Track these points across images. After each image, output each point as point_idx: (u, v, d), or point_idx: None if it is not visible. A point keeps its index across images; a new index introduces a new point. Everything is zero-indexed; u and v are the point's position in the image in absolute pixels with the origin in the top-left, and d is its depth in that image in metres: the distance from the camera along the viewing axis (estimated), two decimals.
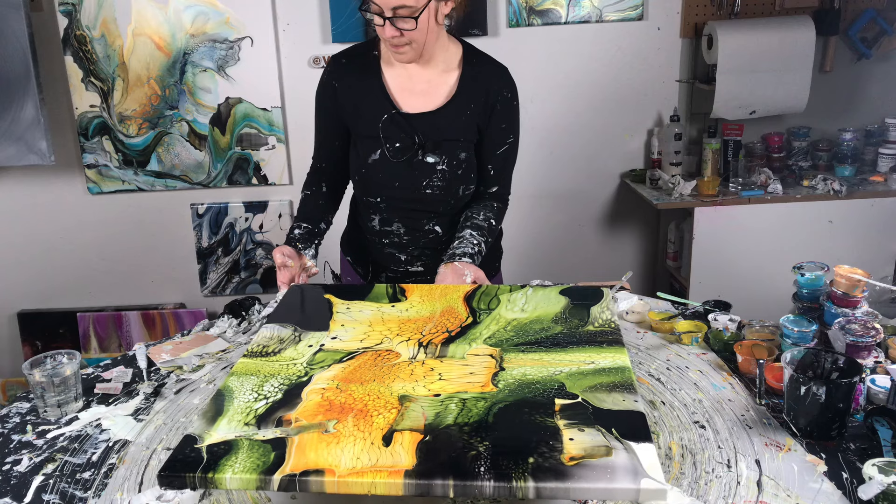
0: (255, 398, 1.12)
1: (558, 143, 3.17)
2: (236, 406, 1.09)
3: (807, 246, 2.79)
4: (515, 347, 1.25)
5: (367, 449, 0.98)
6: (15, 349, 3.35)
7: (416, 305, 1.43)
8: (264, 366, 1.22)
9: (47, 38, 3.00)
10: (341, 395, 1.11)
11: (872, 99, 3.11)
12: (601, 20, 3.02)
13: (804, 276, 1.52)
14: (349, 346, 1.28)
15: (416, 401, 1.09)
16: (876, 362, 1.35)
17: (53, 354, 1.38)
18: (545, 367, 1.18)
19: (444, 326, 1.34)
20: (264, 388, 1.15)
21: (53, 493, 1.14)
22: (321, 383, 1.15)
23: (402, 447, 0.98)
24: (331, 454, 0.97)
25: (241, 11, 2.98)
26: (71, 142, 3.14)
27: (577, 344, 1.25)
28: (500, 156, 1.77)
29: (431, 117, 1.71)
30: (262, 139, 3.12)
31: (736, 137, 3.02)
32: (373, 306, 1.44)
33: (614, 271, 3.19)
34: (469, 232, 1.73)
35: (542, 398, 1.09)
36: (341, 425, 1.03)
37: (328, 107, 1.77)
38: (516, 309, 1.39)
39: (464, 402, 1.08)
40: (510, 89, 1.73)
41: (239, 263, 3.29)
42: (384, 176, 1.75)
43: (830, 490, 1.05)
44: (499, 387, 1.12)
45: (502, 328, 1.32)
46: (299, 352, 1.26)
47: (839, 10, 2.95)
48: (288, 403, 1.10)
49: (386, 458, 0.95)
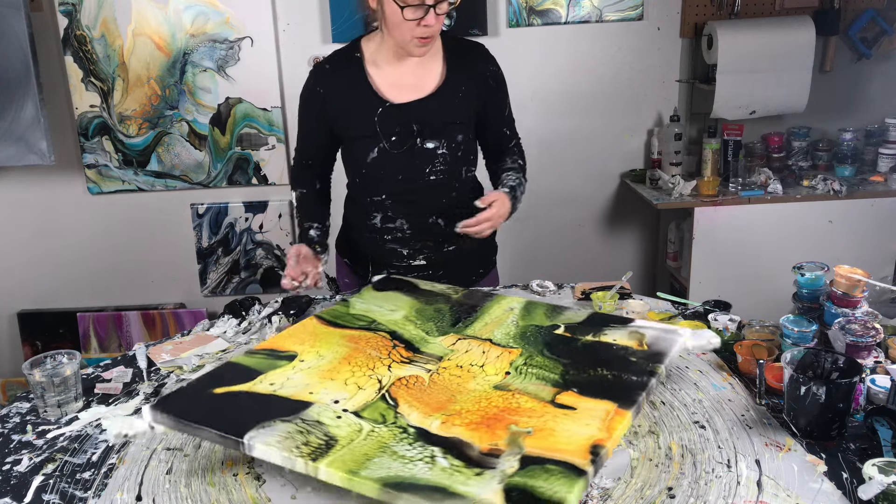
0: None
1: (558, 143, 3.17)
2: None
3: (807, 246, 2.78)
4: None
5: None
6: (15, 349, 3.35)
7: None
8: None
9: (47, 38, 3.00)
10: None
11: (872, 99, 3.11)
12: (601, 20, 3.02)
13: (804, 276, 1.52)
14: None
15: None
16: (876, 362, 1.35)
17: (53, 354, 1.38)
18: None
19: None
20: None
21: (53, 493, 1.14)
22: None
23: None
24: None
25: (241, 11, 2.98)
26: (71, 142, 3.13)
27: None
28: (507, 117, 1.88)
29: (425, 103, 1.73)
30: (262, 139, 3.12)
31: (736, 137, 3.02)
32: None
33: (614, 271, 3.18)
34: (506, 174, 1.82)
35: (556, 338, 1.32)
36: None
37: (314, 112, 1.80)
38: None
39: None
40: (494, 62, 1.82)
41: (239, 263, 3.29)
42: (386, 171, 1.75)
43: (830, 490, 1.05)
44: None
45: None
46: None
47: (839, 10, 2.95)
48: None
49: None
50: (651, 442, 1.18)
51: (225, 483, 1.14)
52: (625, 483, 1.09)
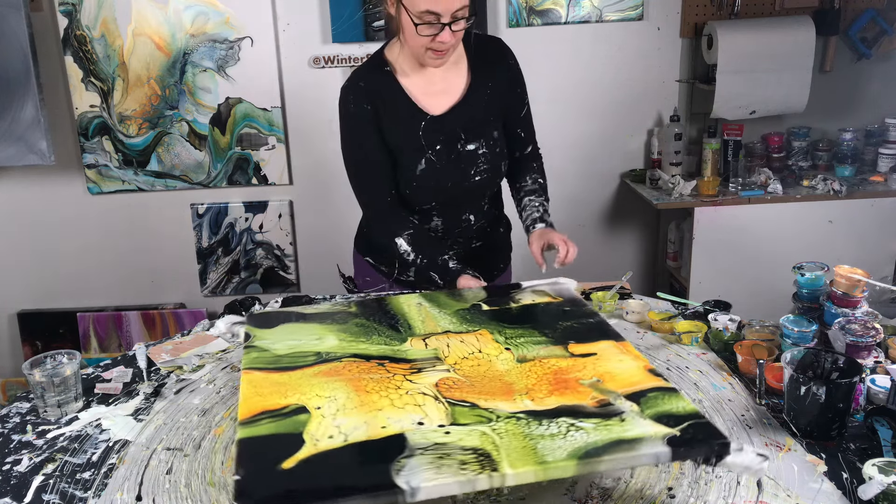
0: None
1: (558, 144, 3.17)
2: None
3: (807, 246, 2.78)
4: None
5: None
6: (15, 349, 3.35)
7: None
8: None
9: (47, 38, 3.00)
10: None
11: (872, 99, 3.11)
12: (601, 20, 3.02)
13: (804, 276, 1.52)
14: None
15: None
16: (876, 362, 1.35)
17: (53, 354, 1.37)
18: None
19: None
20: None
21: (53, 493, 1.14)
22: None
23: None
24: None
25: (241, 11, 2.98)
26: (71, 142, 3.13)
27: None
28: (525, 118, 1.86)
29: (460, 108, 1.74)
30: (262, 139, 3.12)
31: (736, 137, 3.02)
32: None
33: (614, 271, 3.18)
34: (527, 199, 1.83)
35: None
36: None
37: (371, 131, 1.71)
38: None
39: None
40: (512, 56, 1.81)
41: (239, 263, 3.29)
42: (436, 181, 1.75)
43: (830, 490, 1.05)
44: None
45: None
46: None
47: (839, 10, 2.95)
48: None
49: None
50: None
51: (225, 483, 1.14)
52: (625, 483, 1.09)
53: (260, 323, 1.39)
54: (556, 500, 1.05)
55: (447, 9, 1.54)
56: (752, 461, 1.01)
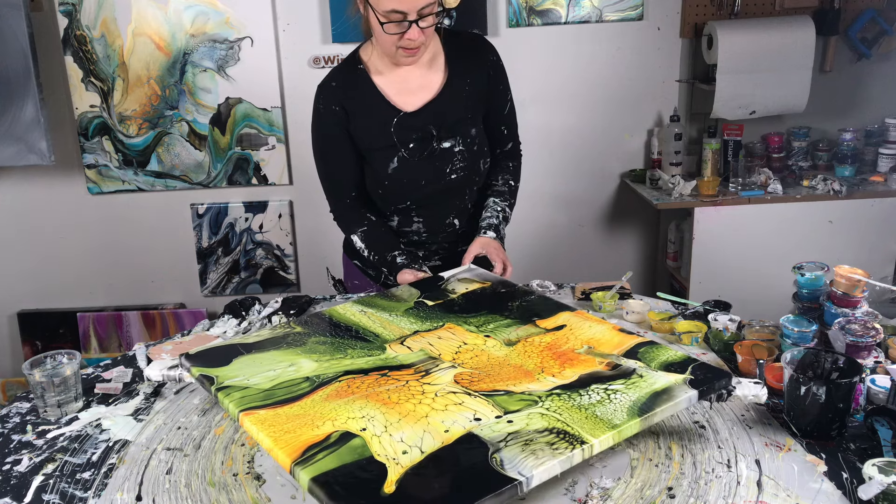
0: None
1: (558, 144, 3.18)
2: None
3: (807, 246, 2.79)
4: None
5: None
6: (15, 349, 3.35)
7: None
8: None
9: (47, 38, 3.00)
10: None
11: (872, 99, 3.11)
12: (601, 20, 3.02)
13: (804, 276, 1.52)
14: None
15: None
16: (876, 362, 1.35)
17: (53, 354, 1.38)
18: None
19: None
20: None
21: (53, 493, 1.14)
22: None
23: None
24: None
25: (241, 11, 2.98)
26: (71, 142, 3.14)
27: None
28: (507, 115, 1.84)
29: (435, 105, 1.72)
30: (262, 139, 3.12)
31: (736, 137, 3.02)
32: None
33: (614, 271, 3.19)
34: (492, 200, 1.82)
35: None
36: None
37: (339, 133, 1.74)
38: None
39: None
40: (493, 52, 1.79)
41: (239, 263, 3.29)
42: (409, 180, 1.75)
43: (830, 490, 1.05)
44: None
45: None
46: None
47: (839, 10, 2.95)
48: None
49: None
50: (651, 442, 1.18)
51: (225, 483, 1.14)
52: (625, 483, 1.09)
53: (206, 362, 1.25)
54: (556, 500, 1.05)
55: (413, 6, 1.54)
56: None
